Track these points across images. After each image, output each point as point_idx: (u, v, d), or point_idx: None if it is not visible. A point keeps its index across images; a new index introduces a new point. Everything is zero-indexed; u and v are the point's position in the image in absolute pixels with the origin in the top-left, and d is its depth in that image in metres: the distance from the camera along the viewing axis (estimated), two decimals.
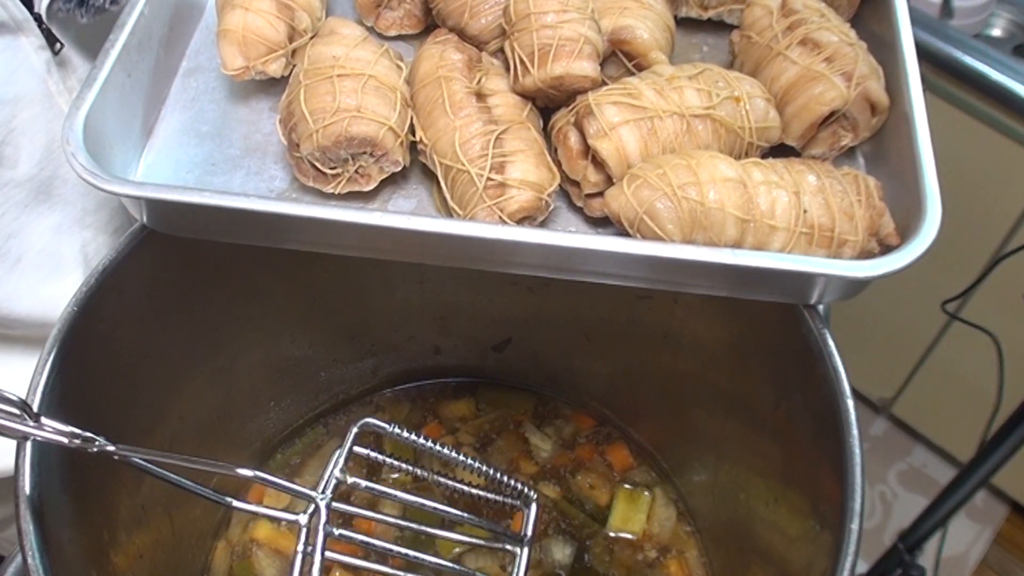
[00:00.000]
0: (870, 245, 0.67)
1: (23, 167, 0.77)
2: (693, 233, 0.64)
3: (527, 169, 0.67)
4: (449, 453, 0.65)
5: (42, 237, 0.82)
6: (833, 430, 0.67)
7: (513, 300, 0.98)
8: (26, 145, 0.77)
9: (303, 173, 0.71)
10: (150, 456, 0.59)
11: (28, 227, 0.80)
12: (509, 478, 0.67)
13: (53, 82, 0.79)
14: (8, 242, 0.79)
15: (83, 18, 0.76)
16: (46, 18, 0.76)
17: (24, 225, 0.80)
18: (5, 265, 0.79)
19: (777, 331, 0.75)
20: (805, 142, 0.73)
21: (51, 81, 0.79)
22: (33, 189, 0.79)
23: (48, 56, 0.78)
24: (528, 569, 0.65)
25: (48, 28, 0.77)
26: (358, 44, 0.73)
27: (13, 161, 0.76)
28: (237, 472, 0.59)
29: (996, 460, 1.17)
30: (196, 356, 0.88)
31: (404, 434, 0.64)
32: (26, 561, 0.61)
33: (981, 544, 1.99)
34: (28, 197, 0.79)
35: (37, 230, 0.81)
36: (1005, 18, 1.62)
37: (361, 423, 0.64)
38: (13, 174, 0.77)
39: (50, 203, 0.81)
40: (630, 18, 0.74)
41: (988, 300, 1.60)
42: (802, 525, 0.75)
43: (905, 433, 2.12)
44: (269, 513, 0.63)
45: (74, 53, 0.81)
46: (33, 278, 0.81)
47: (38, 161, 0.78)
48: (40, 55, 0.77)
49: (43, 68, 0.78)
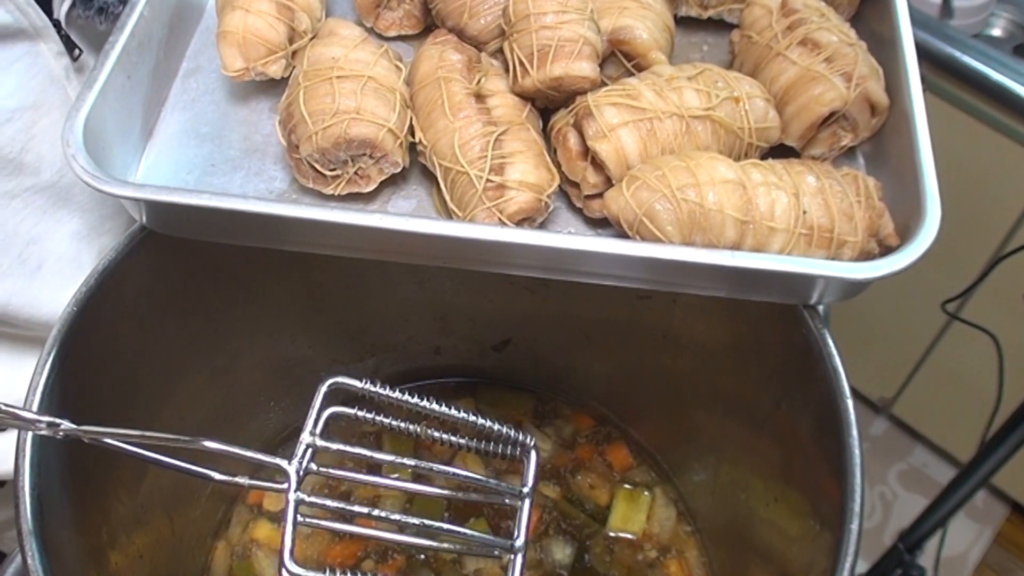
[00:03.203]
0: (870, 246, 0.67)
1: (44, 174, 0.78)
2: (692, 235, 0.64)
3: (526, 170, 0.67)
4: (430, 406, 0.61)
5: (61, 243, 0.82)
6: (833, 430, 0.67)
7: (513, 300, 0.99)
8: (47, 152, 0.77)
9: (303, 174, 0.71)
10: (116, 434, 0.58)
11: (48, 233, 0.80)
12: (504, 427, 0.62)
13: (72, 88, 0.79)
14: (28, 248, 0.79)
15: (101, 25, 0.77)
16: (65, 24, 0.76)
17: (45, 232, 0.80)
18: (27, 271, 0.80)
19: (777, 331, 0.75)
20: (805, 142, 0.73)
21: (70, 87, 0.79)
22: (53, 195, 0.79)
23: (67, 62, 0.78)
24: (530, 523, 0.61)
25: (67, 34, 0.77)
26: (357, 45, 0.73)
27: (35, 168, 0.77)
28: (202, 444, 0.57)
29: (996, 460, 1.17)
30: (196, 356, 0.88)
31: (375, 389, 0.61)
32: (26, 561, 0.62)
33: (981, 544, 1.99)
34: (48, 203, 0.79)
35: (56, 236, 0.81)
36: (1005, 18, 1.62)
37: (330, 382, 0.61)
38: (35, 181, 0.77)
39: (69, 209, 0.81)
40: (629, 18, 0.74)
41: (988, 300, 1.60)
42: (802, 525, 0.75)
43: (905, 433, 2.12)
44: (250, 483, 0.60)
45: (93, 59, 0.80)
46: (54, 284, 0.81)
47: (59, 168, 0.79)
48: (59, 61, 0.77)
49: (62, 74, 0.78)
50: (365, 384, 0.61)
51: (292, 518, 0.56)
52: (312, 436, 0.59)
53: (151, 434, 0.58)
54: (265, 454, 0.58)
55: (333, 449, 0.59)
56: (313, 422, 0.59)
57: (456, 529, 0.61)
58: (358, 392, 0.60)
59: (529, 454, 0.62)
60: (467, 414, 0.61)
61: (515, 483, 0.62)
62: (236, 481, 0.60)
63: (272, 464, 0.58)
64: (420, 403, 0.61)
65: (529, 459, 0.62)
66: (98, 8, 0.76)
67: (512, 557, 0.58)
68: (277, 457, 0.58)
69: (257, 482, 0.60)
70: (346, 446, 0.60)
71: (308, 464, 0.59)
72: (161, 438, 0.58)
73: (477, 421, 0.61)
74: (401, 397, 0.61)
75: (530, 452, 0.62)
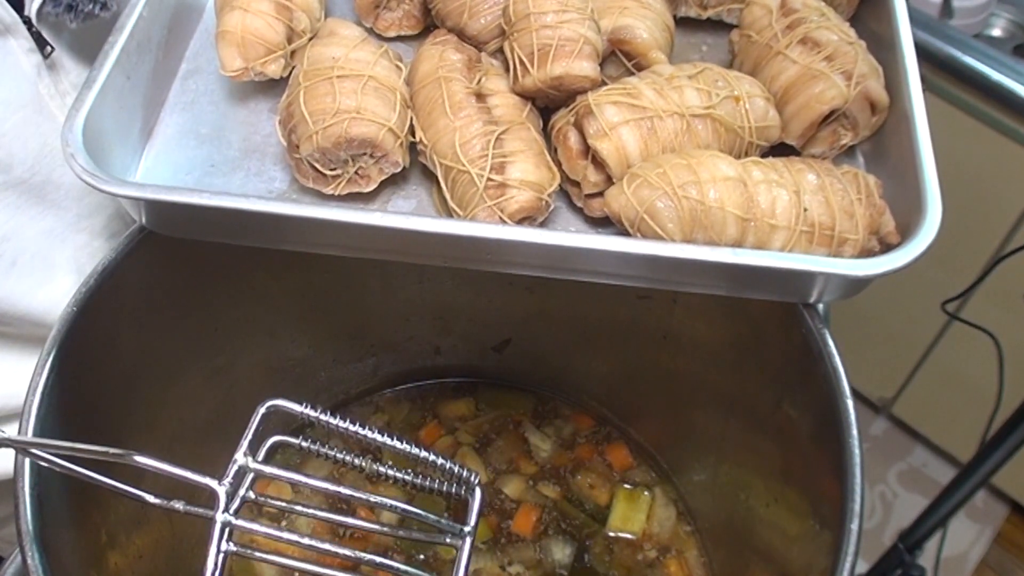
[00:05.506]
0: (870, 244, 0.67)
1: (16, 170, 0.77)
2: (693, 232, 0.64)
3: (527, 169, 0.67)
4: (371, 435, 0.57)
5: (35, 241, 0.81)
6: (833, 430, 0.67)
7: (513, 300, 0.99)
8: (18, 149, 0.77)
9: (303, 174, 0.71)
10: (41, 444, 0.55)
11: (21, 230, 0.80)
12: (448, 462, 0.58)
13: (44, 86, 0.78)
14: (2, 245, 0.79)
15: (72, 23, 0.76)
16: (36, 21, 0.76)
17: (17, 228, 0.79)
18: (0, 267, 0.79)
19: (777, 331, 0.75)
20: (805, 141, 0.73)
21: (42, 85, 0.78)
22: (25, 192, 0.79)
23: (38, 59, 0.77)
24: (469, 564, 0.57)
25: (38, 31, 0.76)
26: (357, 45, 0.73)
27: (5, 165, 0.76)
28: (133, 460, 0.54)
29: (996, 460, 1.17)
30: (195, 356, 0.88)
31: (315, 414, 0.57)
32: (26, 562, 0.62)
33: (981, 544, 1.99)
34: (20, 200, 0.79)
35: (30, 233, 0.81)
36: (1005, 18, 1.62)
37: (268, 404, 0.57)
38: (5, 177, 0.77)
39: (43, 207, 0.81)
40: (629, 18, 0.74)
41: (988, 300, 1.60)
42: (802, 525, 0.75)
43: (905, 433, 2.12)
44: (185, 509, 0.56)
45: (66, 57, 0.80)
46: (29, 282, 0.81)
47: (30, 166, 0.78)
48: (30, 58, 0.77)
49: (33, 72, 0.77)
50: (305, 408, 0.57)
51: (217, 542, 0.54)
52: (245, 457, 0.56)
53: (80, 446, 0.55)
54: (196, 472, 0.55)
55: (267, 472, 0.57)
56: (248, 443, 0.56)
57: (394, 566, 0.58)
58: (299, 417, 0.57)
59: (473, 492, 0.59)
60: (410, 446, 0.58)
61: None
62: (172, 507, 0.56)
63: (200, 484, 0.54)
64: (360, 431, 0.57)
65: (473, 497, 0.59)
66: (67, 5, 0.75)
67: None
68: (207, 477, 0.55)
69: (192, 508, 0.57)
70: (283, 471, 0.57)
71: (246, 491, 0.56)
72: (91, 451, 0.55)
73: (420, 454, 0.58)
74: (341, 424, 0.57)
75: (474, 490, 0.59)
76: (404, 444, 0.58)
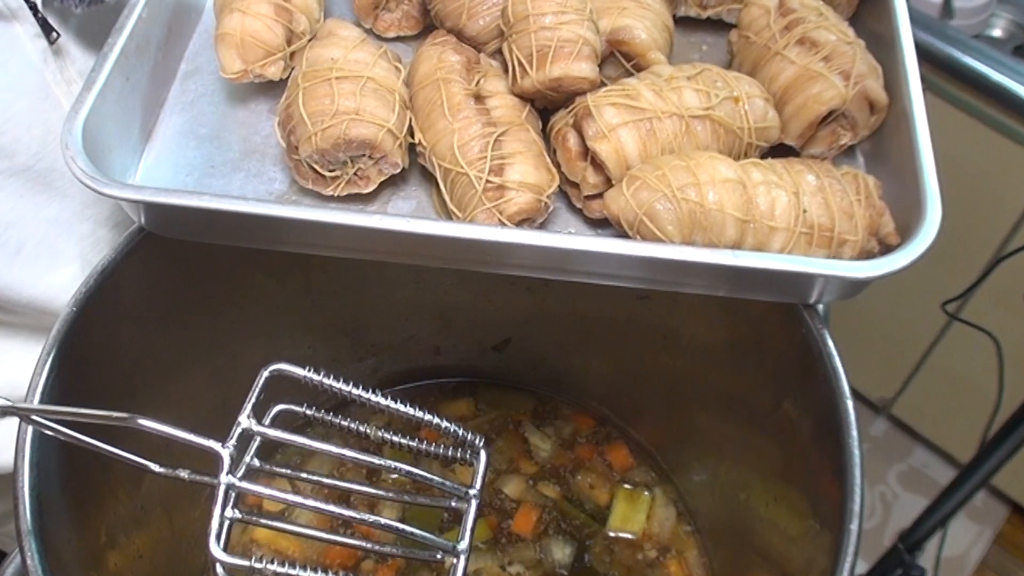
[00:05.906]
0: (870, 244, 0.67)
1: (20, 157, 0.77)
2: (693, 234, 0.64)
3: (526, 171, 0.67)
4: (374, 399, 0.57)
5: (40, 228, 0.81)
6: (833, 430, 0.67)
7: (513, 300, 0.99)
8: (22, 135, 0.76)
9: (302, 176, 0.71)
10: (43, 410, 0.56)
11: (26, 217, 0.80)
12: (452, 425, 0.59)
13: (50, 72, 0.78)
14: (7, 231, 0.78)
15: (77, 8, 0.76)
16: (41, 7, 0.75)
17: (22, 215, 0.79)
18: (5, 254, 0.79)
19: (777, 331, 0.75)
20: (804, 141, 0.73)
21: (48, 71, 0.78)
22: (30, 179, 0.79)
23: (44, 45, 0.77)
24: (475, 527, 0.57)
25: (44, 17, 0.76)
26: (356, 46, 0.73)
27: (10, 151, 0.76)
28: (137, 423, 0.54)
29: (996, 460, 1.17)
30: (195, 356, 0.88)
31: (319, 378, 0.58)
32: (25, 562, 0.62)
33: (981, 544, 1.99)
34: (25, 187, 0.79)
35: (35, 221, 0.80)
36: (1005, 18, 1.62)
37: (272, 368, 0.58)
38: (9, 163, 0.76)
39: (48, 195, 0.81)
40: (628, 18, 0.74)
41: (988, 300, 1.60)
42: (802, 525, 0.75)
43: (905, 433, 2.12)
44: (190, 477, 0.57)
45: (72, 43, 0.80)
46: (33, 269, 0.81)
47: (35, 152, 0.78)
48: (36, 44, 0.76)
49: (39, 57, 0.77)
50: (308, 372, 0.57)
51: (221, 502, 0.53)
52: (249, 420, 0.55)
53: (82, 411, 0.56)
54: (199, 435, 0.55)
55: (271, 435, 0.56)
56: (252, 406, 0.56)
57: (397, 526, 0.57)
58: (302, 381, 0.57)
59: (479, 455, 0.59)
60: (414, 410, 0.58)
61: None
62: (177, 475, 0.57)
63: (203, 446, 0.54)
64: (364, 395, 0.58)
65: (479, 460, 0.59)
66: None
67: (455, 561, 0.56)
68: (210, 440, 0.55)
69: (196, 476, 0.57)
70: (285, 434, 0.57)
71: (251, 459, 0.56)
72: (93, 415, 0.55)
73: (424, 417, 0.58)
74: (344, 388, 0.57)
75: (479, 453, 0.59)
76: (407, 407, 0.58)
